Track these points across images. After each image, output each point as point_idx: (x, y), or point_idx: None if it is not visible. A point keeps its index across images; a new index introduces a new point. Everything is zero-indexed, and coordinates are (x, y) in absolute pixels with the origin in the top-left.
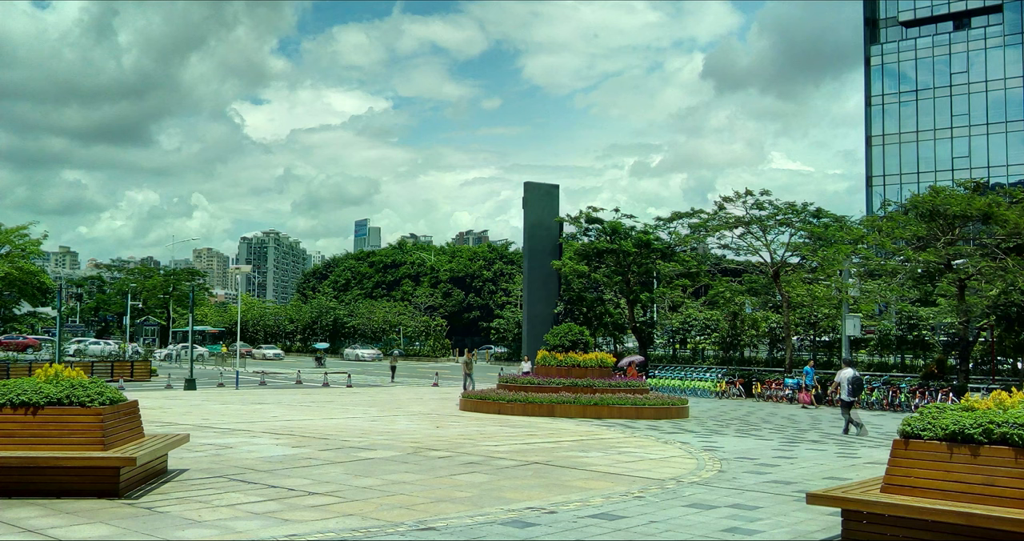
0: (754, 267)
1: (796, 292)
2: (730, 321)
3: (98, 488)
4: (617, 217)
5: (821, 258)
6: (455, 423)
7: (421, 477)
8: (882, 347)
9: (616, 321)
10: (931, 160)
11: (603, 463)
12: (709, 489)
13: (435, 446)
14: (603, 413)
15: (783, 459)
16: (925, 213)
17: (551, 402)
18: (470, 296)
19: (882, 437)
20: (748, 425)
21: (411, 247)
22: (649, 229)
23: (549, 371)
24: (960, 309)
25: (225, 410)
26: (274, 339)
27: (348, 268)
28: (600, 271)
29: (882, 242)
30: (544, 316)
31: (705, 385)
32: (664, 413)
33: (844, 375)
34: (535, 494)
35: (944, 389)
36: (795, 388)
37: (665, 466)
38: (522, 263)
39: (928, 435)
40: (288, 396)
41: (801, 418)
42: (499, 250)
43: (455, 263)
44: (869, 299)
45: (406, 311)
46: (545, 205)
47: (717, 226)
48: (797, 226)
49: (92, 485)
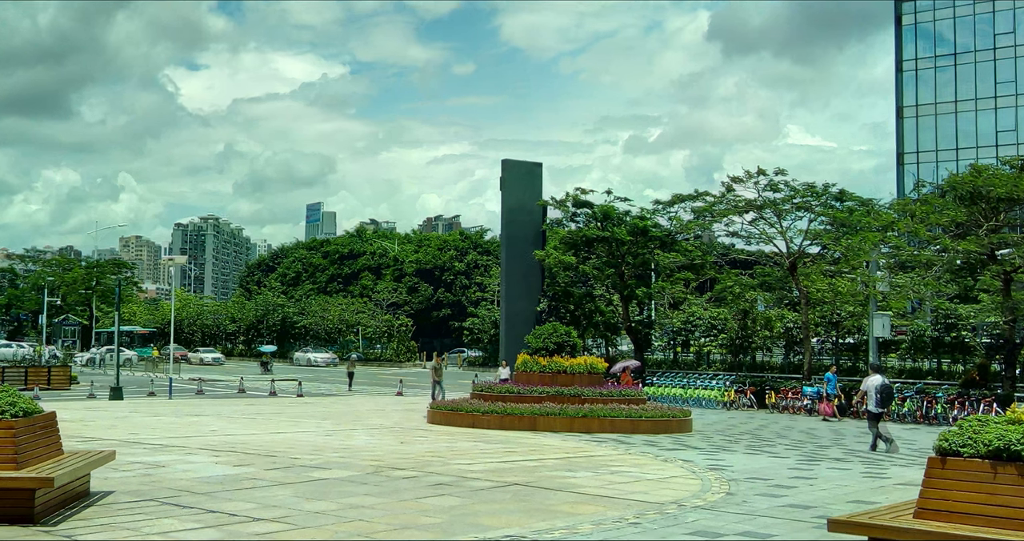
0: (767, 258)
1: (816, 287)
2: (740, 320)
3: (10, 513)
4: (609, 200)
5: (845, 248)
6: (422, 438)
7: (383, 501)
8: (915, 350)
9: (608, 320)
10: (972, 134)
11: (593, 484)
12: (715, 514)
13: (399, 464)
14: (593, 426)
15: (801, 480)
16: (965, 196)
17: (533, 414)
18: (440, 291)
19: (915, 454)
20: (760, 440)
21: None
22: (646, 214)
23: (531, 378)
24: (1006, 306)
25: (157, 423)
26: (213, 341)
27: (298, 259)
28: (590, 263)
29: (915, 229)
30: (525, 314)
31: (711, 394)
32: (663, 427)
33: (871, 383)
34: (515, 520)
35: (987, 399)
36: (815, 398)
37: (665, 488)
38: (499, 253)
39: (969, 452)
40: (229, 407)
41: (822, 432)
42: (473, 238)
43: (422, 253)
44: (900, 295)
45: (365, 309)
46: (526, 186)
47: (725, 211)
48: (817, 211)
49: (2, 510)
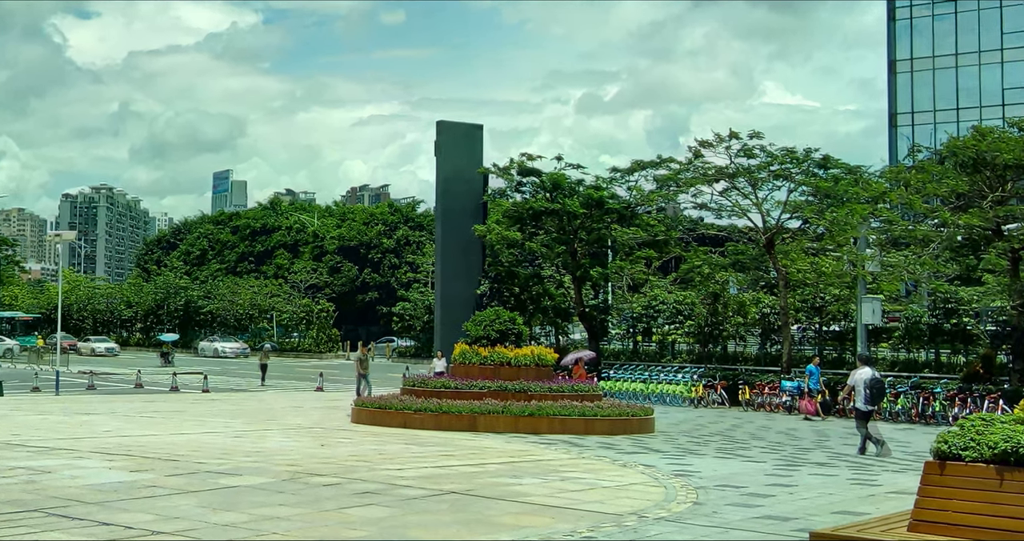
0: (741, 234)
1: (796, 267)
2: (709, 305)
3: None
4: (560, 168)
5: (829, 222)
6: (346, 440)
7: (301, 511)
8: (910, 339)
9: (558, 305)
10: (974, 91)
11: (541, 493)
12: (681, 527)
13: (319, 470)
14: (541, 426)
15: (779, 487)
16: (967, 162)
17: (472, 412)
18: (366, 272)
19: (910, 458)
20: (733, 442)
21: (287, 207)
22: (602, 183)
23: (470, 371)
24: (1013, 289)
25: (42, 423)
26: (107, 329)
27: (204, 235)
28: (537, 239)
29: (910, 201)
30: (463, 298)
31: (676, 389)
32: (622, 426)
33: (860, 376)
34: (451, 533)
35: (992, 395)
36: (795, 393)
37: (623, 496)
38: (434, 229)
39: (971, 456)
40: (125, 404)
41: (803, 433)
42: (404, 211)
43: (345, 229)
44: (893, 276)
45: (281, 292)
46: (465, 152)
47: (692, 180)
48: (798, 180)
49: None
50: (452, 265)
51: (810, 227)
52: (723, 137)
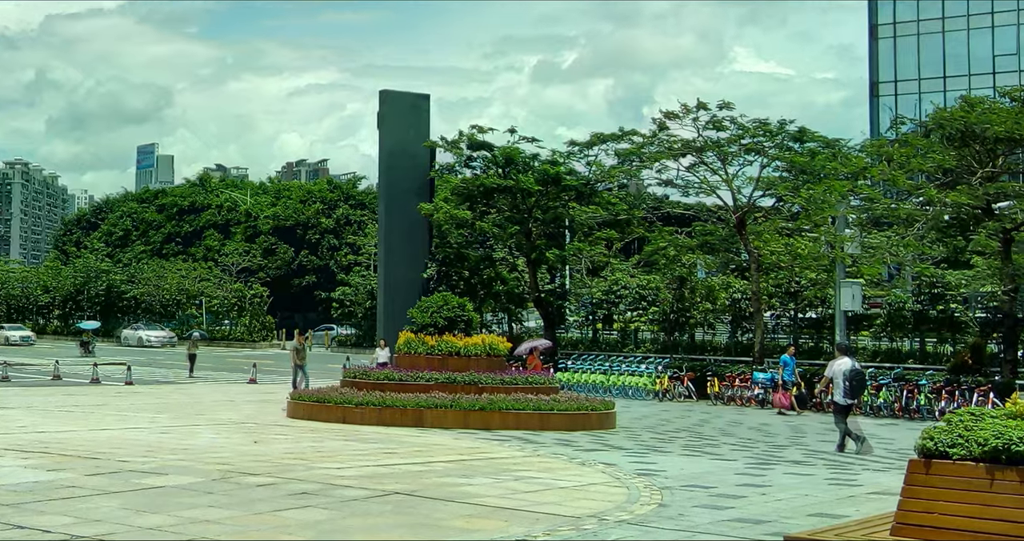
0: (709, 213)
1: (770, 248)
2: (675, 290)
3: None
4: (513, 141)
5: (805, 200)
6: (281, 436)
7: (232, 514)
8: (893, 327)
9: (512, 290)
10: (963, 58)
11: (493, 494)
12: (645, 531)
13: (252, 469)
14: (493, 421)
15: (751, 488)
16: (955, 135)
17: (419, 406)
18: (303, 254)
19: (893, 456)
20: (701, 439)
21: (218, 184)
22: (559, 158)
23: (416, 362)
24: (1005, 273)
25: None
26: (21, 316)
27: (128, 214)
28: (489, 218)
29: (893, 177)
30: (409, 283)
31: (639, 381)
32: (581, 422)
33: (839, 367)
34: (396, 538)
35: (981, 387)
36: (768, 386)
37: (582, 498)
38: (377, 207)
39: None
40: (42, 397)
41: (777, 428)
42: (344, 189)
43: (281, 207)
44: (874, 258)
45: (211, 275)
46: (410, 124)
47: (656, 154)
48: (771, 154)
49: None
50: (396, 247)
51: (784, 205)
52: (690, 108)
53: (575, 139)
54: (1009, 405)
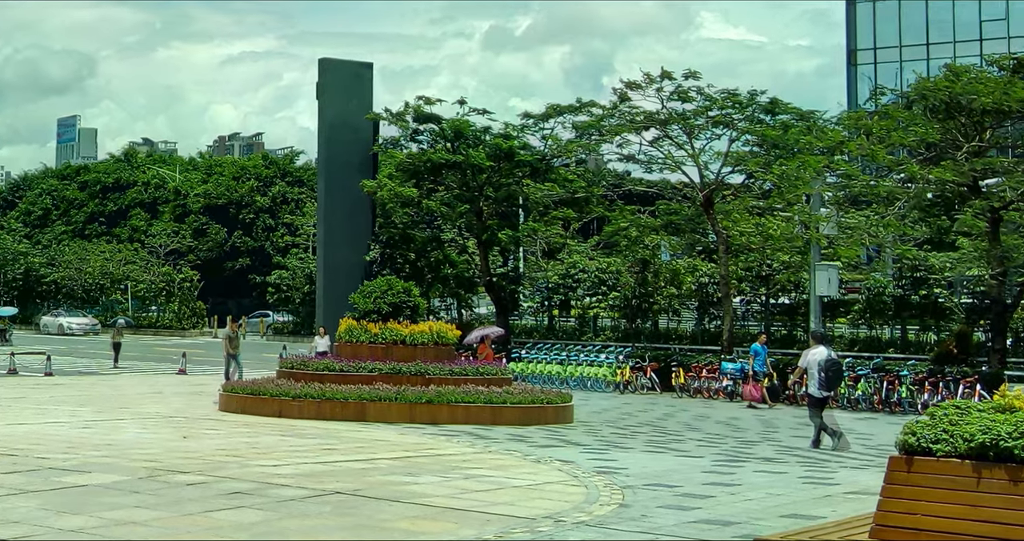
0: (674, 190)
1: (739, 229)
2: (637, 274)
3: None
4: (463, 113)
5: (778, 176)
6: (213, 431)
7: (160, 515)
8: (872, 314)
9: (461, 273)
10: (947, 24)
11: (441, 493)
12: (604, 533)
13: (182, 466)
14: (441, 415)
15: (719, 487)
16: (939, 107)
17: (361, 399)
18: (236, 235)
19: (872, 453)
20: (665, 434)
21: (145, 159)
22: (512, 132)
23: (358, 351)
24: (992, 255)
25: None
26: None
27: (47, 192)
28: (437, 196)
29: (872, 152)
30: (350, 266)
31: (599, 372)
32: (536, 416)
33: (814, 357)
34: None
35: (967, 379)
36: (737, 377)
37: (537, 497)
38: (316, 184)
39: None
40: None
41: (747, 423)
42: (281, 164)
43: (212, 184)
44: (852, 240)
45: (137, 258)
46: (352, 95)
47: (617, 127)
48: (741, 127)
49: None
50: (337, 227)
51: (755, 183)
52: (654, 78)
53: (529, 111)
54: (997, 398)
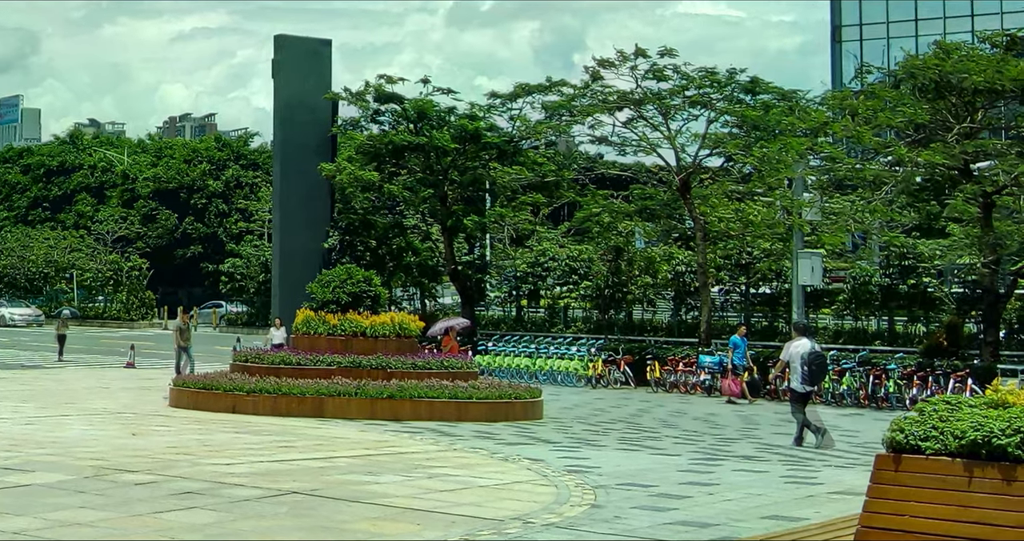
0: (649, 174)
1: (717, 214)
2: (610, 262)
3: None
4: (427, 93)
5: (758, 159)
6: (163, 428)
7: (107, 516)
8: (858, 304)
9: (425, 262)
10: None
11: (403, 493)
12: (575, 535)
13: (130, 465)
14: (403, 411)
15: (696, 486)
16: (928, 86)
17: (319, 394)
18: (187, 221)
19: (857, 450)
20: (640, 431)
21: (91, 141)
22: (479, 112)
23: (316, 343)
24: (985, 242)
25: None
26: None
27: None
28: (399, 180)
29: (858, 133)
30: (307, 254)
31: (570, 366)
32: (503, 411)
33: (796, 350)
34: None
35: (958, 372)
36: (716, 371)
37: (505, 498)
38: (271, 168)
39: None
40: None
41: (726, 419)
42: (235, 147)
43: (162, 168)
44: (837, 226)
45: (83, 245)
46: (310, 73)
47: (589, 108)
48: (719, 107)
49: None
50: (294, 213)
51: (735, 166)
52: (627, 55)
53: (497, 91)
54: (990, 392)
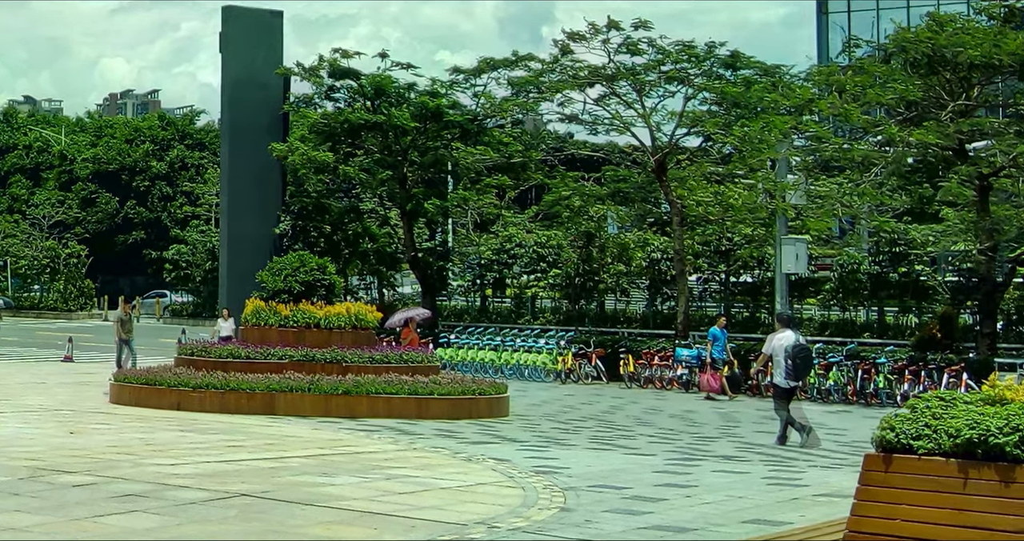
0: (623, 154)
1: (696, 197)
2: (581, 248)
3: None
4: (385, 68)
5: (739, 139)
6: (103, 425)
7: (43, 520)
8: (845, 294)
9: (383, 248)
10: None
11: (359, 496)
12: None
13: (68, 466)
14: (360, 408)
15: (672, 488)
16: (920, 60)
17: (270, 389)
18: (129, 205)
19: (845, 450)
20: (612, 429)
21: (26, 120)
22: (440, 89)
23: (266, 335)
24: (981, 227)
25: None
26: None
27: None
28: (355, 162)
29: (845, 111)
30: (258, 240)
31: (538, 360)
32: (466, 408)
33: (780, 342)
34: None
35: (953, 367)
36: (694, 365)
37: (468, 500)
38: (219, 148)
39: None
40: None
41: (705, 417)
42: (179, 125)
43: (103, 148)
44: (823, 210)
45: (17, 231)
46: (260, 47)
47: (559, 84)
48: (697, 83)
49: None
50: (243, 196)
51: (714, 146)
52: (599, 28)
53: (460, 66)
54: (986, 388)
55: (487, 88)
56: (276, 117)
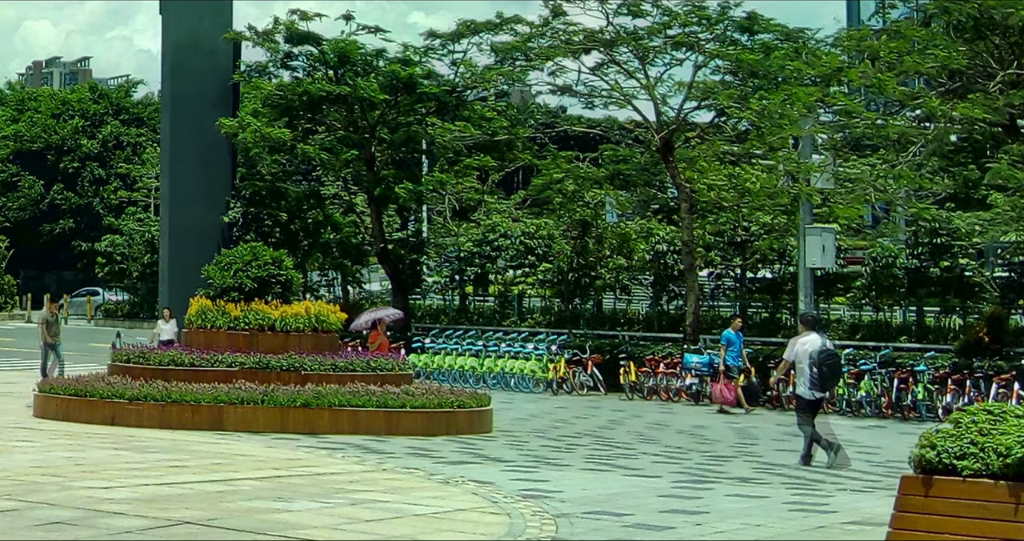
0: (623, 131)
1: (707, 181)
2: (575, 239)
3: None
4: (349, 32)
5: (757, 114)
6: (26, 442)
7: None
8: (879, 292)
9: (348, 239)
10: None
11: (321, 523)
12: None
13: None
14: (321, 423)
15: (680, 515)
16: (965, 23)
17: (218, 401)
18: (55, 189)
19: (879, 471)
20: (611, 447)
21: None
22: (413, 56)
23: (214, 339)
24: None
25: None
26: None
27: None
28: (316, 140)
29: (879, 82)
30: (203, 229)
31: (526, 367)
32: (443, 423)
33: (803, 347)
34: None
35: (1002, 375)
36: (705, 373)
37: (446, 529)
38: (159, 124)
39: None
40: None
41: (717, 432)
42: (113, 98)
43: (25, 124)
44: (853, 196)
45: None
46: (206, 8)
47: (550, 50)
48: (709, 50)
49: None
50: (186, 179)
51: (728, 122)
52: None
53: (436, 29)
54: None
55: (467, 55)
56: (225, 88)
